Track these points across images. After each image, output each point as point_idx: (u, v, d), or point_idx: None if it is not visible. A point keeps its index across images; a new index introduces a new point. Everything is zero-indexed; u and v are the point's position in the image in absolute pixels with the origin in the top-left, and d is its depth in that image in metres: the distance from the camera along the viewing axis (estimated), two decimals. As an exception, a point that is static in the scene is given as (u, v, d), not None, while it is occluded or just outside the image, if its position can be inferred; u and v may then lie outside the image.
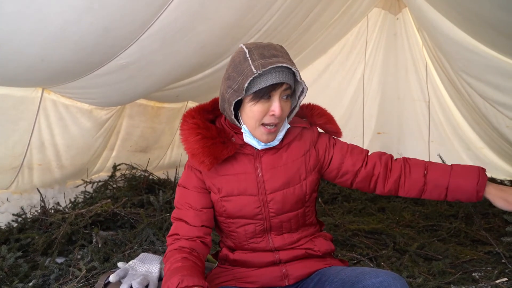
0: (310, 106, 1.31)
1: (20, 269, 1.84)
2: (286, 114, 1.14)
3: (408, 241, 2.44)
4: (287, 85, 1.08)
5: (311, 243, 1.23)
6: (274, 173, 1.18)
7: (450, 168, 1.20)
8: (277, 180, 1.18)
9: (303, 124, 1.26)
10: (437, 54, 3.90)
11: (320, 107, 1.31)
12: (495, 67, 2.87)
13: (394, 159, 1.27)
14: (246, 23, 2.87)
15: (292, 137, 1.23)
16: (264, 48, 1.08)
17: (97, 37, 2.05)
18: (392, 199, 3.64)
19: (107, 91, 2.78)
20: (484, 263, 2.14)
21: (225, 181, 1.19)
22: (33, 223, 2.46)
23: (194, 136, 1.14)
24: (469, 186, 1.17)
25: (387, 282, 0.98)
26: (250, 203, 1.18)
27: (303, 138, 1.24)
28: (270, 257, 1.21)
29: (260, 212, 1.19)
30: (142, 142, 3.90)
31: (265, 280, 1.20)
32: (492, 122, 3.56)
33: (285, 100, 1.11)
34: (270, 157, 1.19)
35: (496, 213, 3.03)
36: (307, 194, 1.21)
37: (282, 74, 1.06)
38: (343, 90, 5.00)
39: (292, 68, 1.05)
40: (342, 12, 4.12)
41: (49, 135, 2.76)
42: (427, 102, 4.74)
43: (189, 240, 1.15)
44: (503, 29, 2.45)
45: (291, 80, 1.09)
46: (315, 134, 1.27)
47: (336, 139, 1.29)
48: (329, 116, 1.29)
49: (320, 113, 1.29)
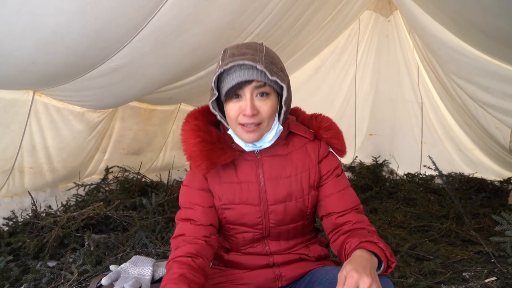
0: (319, 118, 1.24)
1: (11, 273, 1.82)
2: (266, 114, 1.06)
3: (399, 242, 2.46)
4: (259, 83, 1.03)
5: (306, 249, 1.23)
6: (276, 184, 1.15)
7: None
8: (280, 192, 1.15)
9: (307, 134, 1.20)
10: (428, 56, 3.95)
11: (330, 120, 1.24)
12: (485, 70, 2.91)
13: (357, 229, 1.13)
14: (239, 26, 2.89)
15: (297, 147, 1.19)
16: (239, 47, 1.06)
17: (88, 40, 2.05)
18: (384, 201, 3.67)
19: (99, 94, 2.77)
20: (474, 263, 2.17)
21: (227, 188, 1.16)
22: (24, 226, 2.44)
23: (194, 138, 1.11)
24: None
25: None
26: (251, 213, 1.15)
27: (308, 152, 1.19)
28: (265, 261, 1.21)
29: (261, 222, 1.17)
30: (135, 144, 3.89)
31: (259, 281, 1.20)
32: (482, 123, 3.61)
33: (261, 98, 1.05)
34: (273, 166, 1.15)
35: (486, 213, 3.08)
36: (308, 209, 1.18)
37: (248, 71, 1.02)
38: (334, 92, 5.03)
39: (257, 65, 0.99)
40: (334, 15, 4.15)
41: (41, 138, 2.74)
42: (420, 103, 4.78)
43: (194, 244, 1.11)
44: (493, 33, 2.49)
45: (263, 77, 1.02)
46: (322, 150, 1.20)
47: (343, 172, 1.23)
48: (336, 131, 1.21)
49: (328, 126, 1.21)
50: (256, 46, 1.07)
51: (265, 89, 1.05)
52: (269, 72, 1.01)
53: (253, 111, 1.04)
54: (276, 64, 1.06)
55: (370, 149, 5.03)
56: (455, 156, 4.62)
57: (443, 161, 4.04)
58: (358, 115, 5.07)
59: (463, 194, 3.68)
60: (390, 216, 3.13)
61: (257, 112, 1.05)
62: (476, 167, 4.41)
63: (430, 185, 4.06)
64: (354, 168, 4.78)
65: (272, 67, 1.03)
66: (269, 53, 1.06)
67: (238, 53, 1.03)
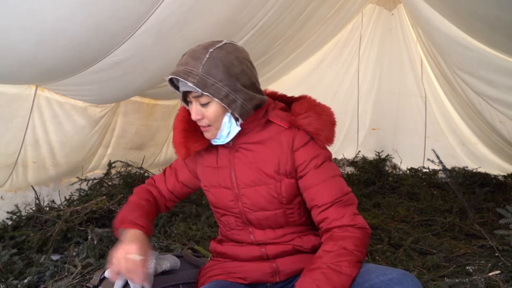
0: (302, 104, 1.21)
1: (15, 266, 1.83)
2: (210, 119, 1.14)
3: (403, 236, 2.46)
4: (196, 93, 1.10)
5: (299, 240, 1.22)
6: (245, 169, 1.20)
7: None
8: (248, 176, 1.19)
9: (282, 123, 1.18)
10: (432, 50, 3.92)
11: (311, 105, 1.20)
12: (489, 63, 2.88)
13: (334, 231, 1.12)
14: (241, 19, 2.87)
15: (272, 135, 1.19)
16: (187, 54, 1.13)
17: (90, 34, 2.04)
18: (387, 195, 3.67)
19: (101, 88, 2.76)
20: (478, 257, 2.16)
21: (208, 172, 1.28)
22: (28, 220, 2.45)
23: (176, 127, 1.25)
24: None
25: (397, 279, 0.96)
26: (225, 196, 1.24)
27: (281, 140, 1.18)
28: (257, 251, 1.22)
29: (235, 205, 1.22)
30: (137, 139, 3.89)
31: (256, 276, 1.21)
32: (486, 117, 3.58)
33: (205, 106, 1.12)
34: (244, 152, 1.21)
35: (490, 208, 3.06)
36: (283, 197, 1.18)
37: (185, 83, 1.10)
38: (337, 86, 4.99)
39: (188, 82, 1.06)
40: (337, 8, 4.12)
41: (43, 132, 2.74)
42: (423, 97, 4.74)
43: (159, 193, 1.38)
44: (497, 25, 2.46)
45: (198, 89, 1.08)
46: (298, 139, 1.17)
47: (325, 162, 1.17)
48: (315, 118, 1.16)
49: (306, 114, 1.16)
50: (201, 54, 1.09)
51: (203, 99, 1.11)
52: (201, 86, 1.06)
53: (197, 117, 1.14)
54: (214, 74, 1.07)
55: (373, 143, 5.01)
56: (458, 150, 4.59)
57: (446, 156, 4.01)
58: (361, 109, 5.03)
59: (467, 188, 3.67)
60: (393, 210, 3.13)
61: (201, 116, 1.14)
62: (479, 162, 4.38)
63: (433, 180, 4.05)
64: (356, 162, 4.77)
65: (207, 80, 1.06)
66: (212, 61, 1.07)
67: (181, 62, 1.12)
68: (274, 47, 3.84)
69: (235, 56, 1.11)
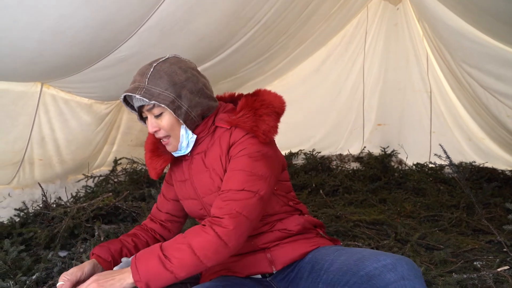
0: (242, 103, 1.22)
1: (23, 263, 1.85)
2: (166, 129, 1.19)
3: (409, 231, 2.44)
4: (148, 106, 1.16)
5: (282, 224, 1.25)
6: (201, 178, 1.24)
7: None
8: (205, 183, 1.23)
9: (224, 124, 1.21)
10: (438, 44, 3.88)
11: (256, 101, 1.20)
12: (496, 57, 2.85)
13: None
14: (245, 15, 2.85)
15: (215, 139, 1.23)
16: (137, 73, 1.19)
17: (94, 31, 2.04)
18: (393, 191, 3.64)
19: (106, 85, 2.77)
20: (486, 252, 2.14)
21: (178, 186, 1.34)
22: (35, 217, 2.47)
23: (145, 151, 1.36)
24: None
25: (391, 264, 0.95)
26: (194, 206, 1.29)
27: (220, 142, 1.21)
28: (248, 245, 1.23)
29: (205, 213, 1.26)
30: (143, 136, 3.90)
31: (253, 268, 1.23)
32: (493, 112, 3.54)
33: (159, 117, 1.18)
34: (198, 162, 1.26)
35: (498, 203, 3.03)
36: None
37: (136, 99, 1.17)
38: (342, 82, 4.96)
39: (136, 95, 1.13)
40: (341, 3, 4.08)
41: (49, 130, 2.76)
42: (429, 92, 4.70)
43: (152, 221, 1.43)
44: (503, 17, 2.43)
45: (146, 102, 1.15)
46: (233, 136, 1.19)
47: (245, 156, 1.15)
48: (258, 114, 1.17)
49: (251, 109, 1.18)
50: (146, 69, 1.17)
51: (155, 111, 1.17)
52: (148, 97, 1.12)
53: (153, 129, 1.19)
54: (159, 84, 1.14)
55: (379, 139, 4.97)
56: (465, 145, 4.55)
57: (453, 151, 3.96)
58: (366, 105, 4.99)
59: (474, 184, 3.63)
60: (400, 206, 3.10)
61: (158, 128, 1.20)
62: (486, 157, 4.33)
63: (439, 175, 4.02)
64: (362, 158, 4.74)
65: (153, 91, 1.13)
66: (156, 73, 1.15)
67: (132, 80, 1.19)
68: (278, 43, 3.82)
69: (178, 66, 1.18)
